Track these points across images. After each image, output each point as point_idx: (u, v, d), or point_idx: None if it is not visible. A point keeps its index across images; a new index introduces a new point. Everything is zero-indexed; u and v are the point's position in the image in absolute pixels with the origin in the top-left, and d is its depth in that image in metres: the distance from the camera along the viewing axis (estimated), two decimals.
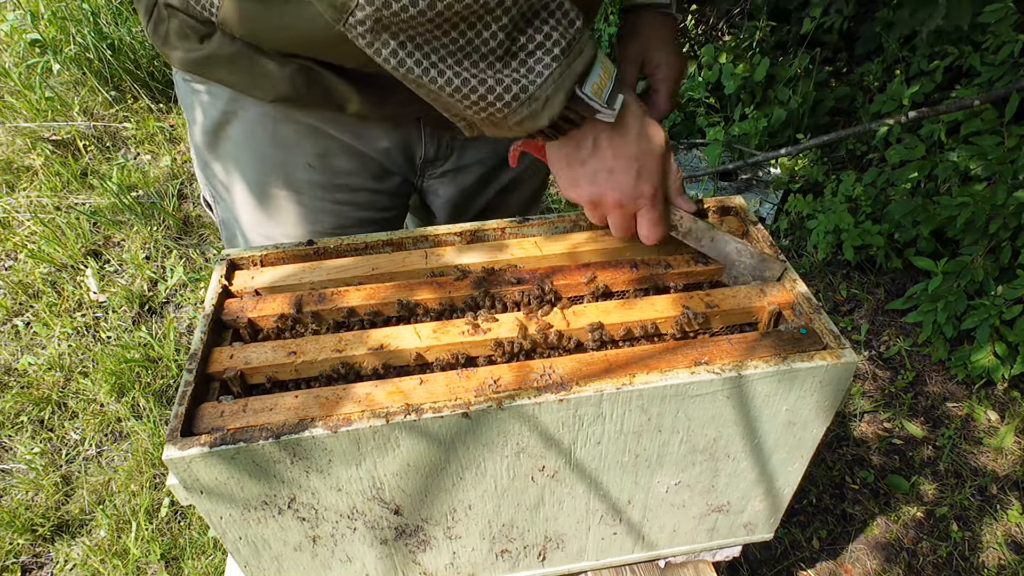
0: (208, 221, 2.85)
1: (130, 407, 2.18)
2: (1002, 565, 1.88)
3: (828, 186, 2.75)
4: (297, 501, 0.78)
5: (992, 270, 2.20)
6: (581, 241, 0.95)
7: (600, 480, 0.86)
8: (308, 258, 0.95)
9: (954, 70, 2.70)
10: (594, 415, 0.76)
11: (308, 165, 1.06)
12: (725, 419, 0.81)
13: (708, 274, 0.93)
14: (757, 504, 0.97)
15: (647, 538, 0.99)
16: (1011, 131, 2.27)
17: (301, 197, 1.09)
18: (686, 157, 3.20)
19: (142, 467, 2.03)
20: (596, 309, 0.85)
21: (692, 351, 0.78)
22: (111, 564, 1.82)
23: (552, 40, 0.65)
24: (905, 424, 2.20)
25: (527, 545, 0.94)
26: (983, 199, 2.16)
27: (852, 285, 2.65)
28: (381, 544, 0.87)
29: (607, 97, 0.71)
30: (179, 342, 2.38)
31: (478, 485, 0.82)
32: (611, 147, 0.77)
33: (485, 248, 0.95)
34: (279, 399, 0.74)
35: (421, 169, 1.15)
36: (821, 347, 0.79)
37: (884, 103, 2.75)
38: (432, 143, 1.10)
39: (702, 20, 3.46)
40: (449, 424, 0.72)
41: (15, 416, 2.16)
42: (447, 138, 1.11)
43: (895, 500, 2.03)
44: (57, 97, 3.24)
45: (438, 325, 0.83)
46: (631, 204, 0.82)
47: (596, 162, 0.77)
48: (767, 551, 1.92)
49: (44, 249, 2.63)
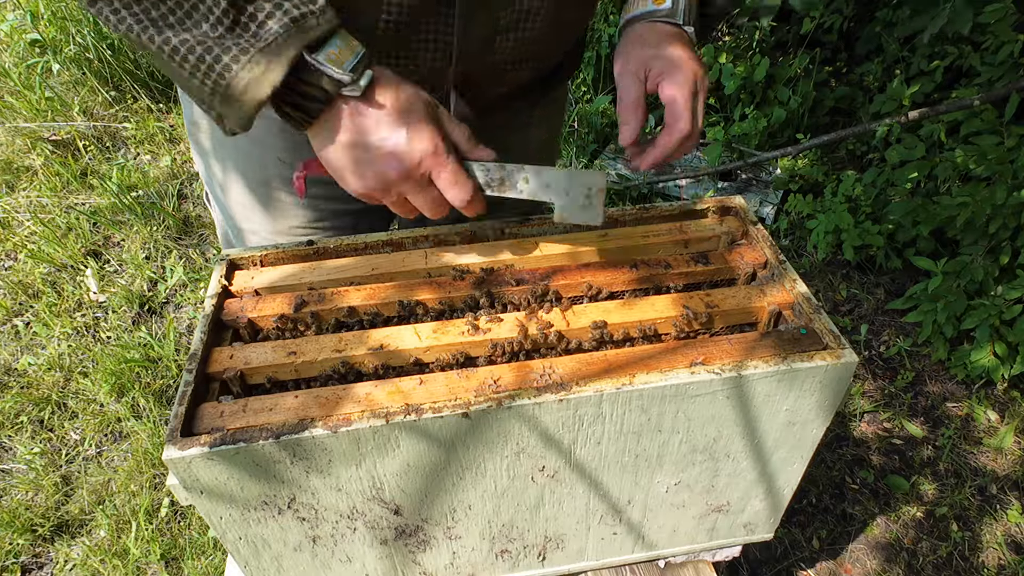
0: (208, 221, 2.85)
1: (130, 407, 2.18)
2: (1002, 565, 1.87)
3: (828, 186, 2.75)
4: (297, 501, 0.78)
5: (992, 270, 2.20)
6: (581, 241, 0.95)
7: (600, 480, 0.86)
8: (308, 258, 0.95)
9: (954, 70, 2.70)
10: (594, 415, 0.76)
11: (279, 160, 1.06)
12: (725, 419, 0.81)
13: (708, 274, 0.93)
14: (757, 504, 0.97)
15: (647, 538, 0.99)
16: (1011, 131, 2.27)
17: (275, 191, 1.10)
18: (686, 157, 3.20)
19: (142, 467, 2.03)
20: (596, 309, 0.85)
21: (692, 351, 0.78)
22: (111, 564, 1.82)
23: (283, 10, 0.65)
24: (905, 424, 2.20)
25: (527, 545, 0.94)
26: (983, 199, 2.16)
27: (852, 285, 2.65)
28: (381, 544, 0.87)
29: (349, 67, 0.68)
30: (179, 342, 2.38)
31: (478, 485, 0.82)
32: (372, 119, 0.72)
33: (485, 248, 0.95)
34: (279, 399, 0.74)
35: None
36: (821, 347, 0.79)
37: (884, 103, 2.75)
38: None
39: None
40: (449, 424, 0.72)
41: (15, 416, 2.15)
42: None
43: (895, 500, 2.03)
44: (57, 97, 3.24)
45: (438, 325, 0.83)
46: (416, 170, 0.75)
47: (364, 140, 0.73)
48: (767, 551, 1.92)
49: (44, 249, 2.63)
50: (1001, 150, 2.21)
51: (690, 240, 0.96)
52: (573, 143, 3.32)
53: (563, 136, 3.37)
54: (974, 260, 2.23)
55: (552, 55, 1.04)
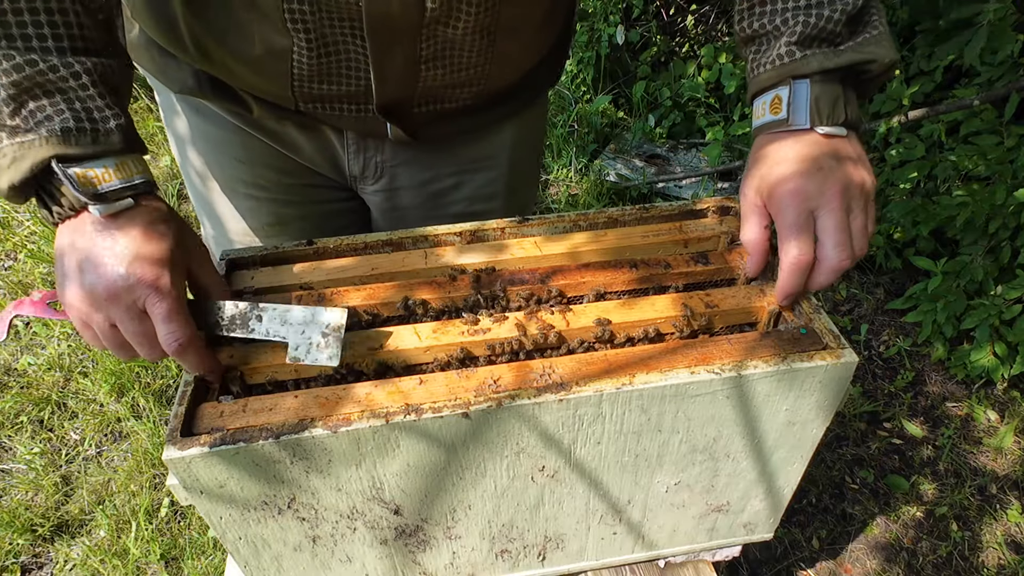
0: None
1: (130, 407, 2.18)
2: (1002, 565, 1.88)
3: None
4: (297, 501, 0.78)
5: (992, 270, 2.20)
6: (581, 241, 0.95)
7: (600, 480, 0.86)
8: (308, 258, 0.95)
9: (954, 70, 2.70)
10: (594, 415, 0.76)
11: (237, 160, 1.06)
12: (725, 419, 0.81)
13: (708, 274, 0.93)
14: (757, 504, 0.97)
15: (647, 538, 0.99)
16: (1010, 131, 2.27)
17: (235, 193, 1.10)
18: (686, 157, 3.20)
19: (142, 467, 2.03)
20: (596, 310, 0.85)
21: (692, 351, 0.78)
22: (111, 564, 1.82)
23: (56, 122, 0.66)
24: (905, 424, 2.20)
25: (527, 545, 0.94)
26: (982, 199, 2.16)
27: (852, 285, 2.65)
28: (381, 544, 0.87)
29: (106, 191, 0.68)
30: None
31: (478, 485, 0.82)
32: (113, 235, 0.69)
33: (485, 248, 0.95)
34: (279, 399, 0.74)
35: (353, 182, 1.12)
36: (821, 347, 0.79)
37: (884, 103, 2.75)
38: (357, 161, 1.06)
39: (702, 20, 3.46)
40: (449, 424, 0.72)
41: (15, 416, 2.16)
42: (374, 158, 1.07)
43: (895, 500, 2.03)
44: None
45: (438, 325, 0.83)
46: (128, 294, 0.69)
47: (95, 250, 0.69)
48: (767, 551, 1.92)
49: (44, 249, 2.63)
50: (1001, 150, 2.21)
51: (690, 240, 0.96)
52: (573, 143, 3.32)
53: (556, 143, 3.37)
54: (974, 260, 2.23)
55: (504, 79, 0.98)
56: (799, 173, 0.77)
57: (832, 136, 0.78)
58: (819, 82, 0.77)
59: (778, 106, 0.80)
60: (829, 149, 0.78)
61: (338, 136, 1.03)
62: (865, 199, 0.78)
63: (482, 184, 1.16)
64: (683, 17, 3.47)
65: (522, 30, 0.91)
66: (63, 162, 0.66)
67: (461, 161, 1.12)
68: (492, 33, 0.86)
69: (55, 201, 0.69)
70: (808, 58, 0.77)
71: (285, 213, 1.13)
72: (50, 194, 0.69)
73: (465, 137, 1.08)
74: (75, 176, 0.67)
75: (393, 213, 1.16)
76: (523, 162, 1.20)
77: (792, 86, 0.79)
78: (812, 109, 0.78)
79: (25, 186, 0.67)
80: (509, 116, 1.09)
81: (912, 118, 2.44)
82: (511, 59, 0.95)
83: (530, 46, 0.97)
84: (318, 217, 1.15)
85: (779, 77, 0.80)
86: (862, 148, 0.81)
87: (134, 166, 0.72)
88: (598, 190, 3.05)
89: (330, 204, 1.15)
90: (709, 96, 3.22)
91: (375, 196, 1.14)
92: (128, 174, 0.71)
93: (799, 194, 0.76)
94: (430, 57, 0.87)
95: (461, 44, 0.86)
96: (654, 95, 3.38)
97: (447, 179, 1.13)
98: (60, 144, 0.66)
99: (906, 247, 2.58)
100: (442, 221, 1.02)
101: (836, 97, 0.78)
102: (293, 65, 0.84)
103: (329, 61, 0.85)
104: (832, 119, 0.77)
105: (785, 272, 0.79)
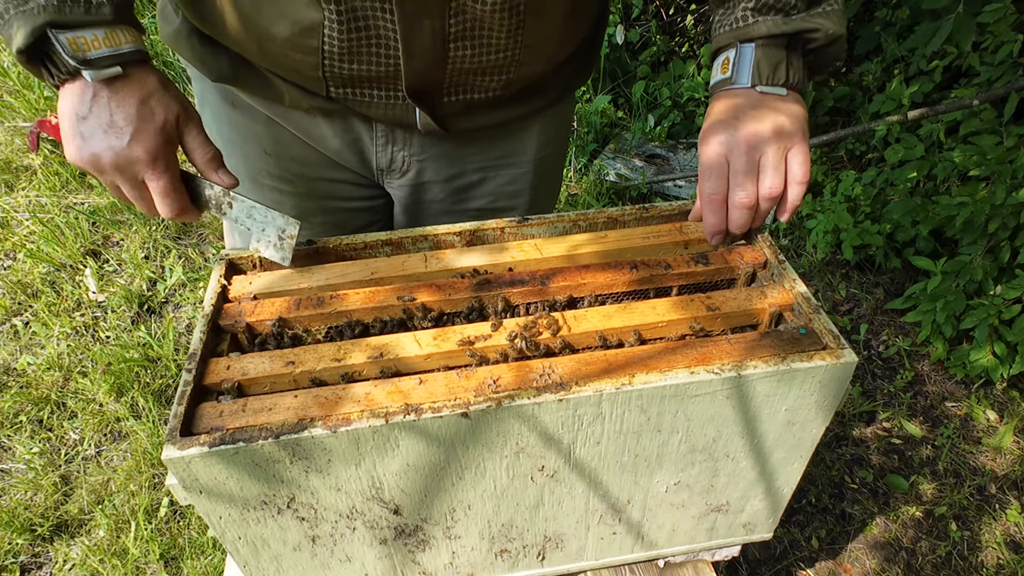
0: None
1: (129, 407, 2.17)
2: (1001, 564, 1.88)
3: (827, 186, 2.75)
4: (296, 501, 0.77)
5: (991, 270, 2.20)
6: (581, 242, 0.95)
7: (600, 480, 0.86)
8: (308, 258, 0.95)
9: (953, 70, 2.70)
10: (593, 415, 0.76)
11: (264, 152, 1.07)
12: (724, 419, 0.81)
13: (708, 274, 0.93)
14: (756, 504, 0.97)
15: (646, 538, 0.99)
16: (1010, 131, 2.27)
17: (260, 186, 1.11)
18: (686, 157, 3.20)
19: (141, 467, 2.03)
20: (596, 313, 0.85)
21: (692, 351, 0.79)
22: (110, 564, 1.82)
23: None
24: (904, 424, 2.20)
25: (526, 545, 0.94)
26: (982, 199, 2.16)
27: (851, 285, 2.65)
28: (380, 544, 0.87)
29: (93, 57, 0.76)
30: (178, 342, 2.38)
31: (477, 485, 0.82)
32: (109, 105, 0.78)
33: (485, 249, 0.95)
34: (278, 399, 0.74)
35: (379, 175, 1.13)
36: (820, 347, 0.79)
37: (883, 103, 2.75)
38: (385, 154, 1.08)
39: (702, 20, 3.46)
40: (448, 424, 0.72)
41: (14, 416, 2.15)
42: (402, 151, 1.08)
43: (894, 500, 2.03)
44: (56, 96, 3.23)
45: (438, 332, 0.83)
46: (128, 169, 0.81)
47: (93, 118, 0.79)
48: (766, 551, 1.92)
49: (43, 249, 2.63)
50: (1000, 150, 2.22)
51: (690, 240, 0.96)
52: (573, 143, 3.32)
53: None
54: (973, 260, 2.23)
55: (533, 68, 0.98)
56: (718, 122, 0.87)
57: (768, 94, 0.86)
58: (763, 46, 0.86)
59: (726, 66, 0.90)
60: (756, 101, 0.86)
61: (367, 128, 1.04)
62: (779, 139, 0.84)
63: (506, 182, 1.17)
64: (683, 17, 3.47)
65: (550, 12, 0.92)
66: (56, 28, 0.74)
67: (487, 157, 1.14)
68: (520, 13, 0.87)
69: (54, 65, 0.76)
70: (759, 24, 0.86)
71: (308, 207, 1.13)
72: (50, 59, 0.76)
73: (493, 132, 1.09)
74: (66, 42, 0.74)
75: (417, 207, 1.18)
76: (548, 162, 1.21)
77: (738, 48, 0.88)
78: (754, 71, 0.87)
79: (31, 51, 0.75)
80: (537, 113, 1.10)
81: (912, 118, 2.44)
82: (541, 46, 0.95)
83: (560, 33, 0.98)
84: (340, 213, 1.16)
85: (730, 39, 0.89)
86: (800, 105, 0.87)
87: (124, 35, 0.79)
88: (598, 190, 3.05)
89: (353, 201, 1.16)
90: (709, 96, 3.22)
91: (400, 190, 1.15)
92: (116, 43, 0.78)
93: (713, 140, 0.86)
94: (459, 35, 0.88)
95: (490, 23, 0.87)
96: (654, 95, 3.38)
97: (472, 174, 1.15)
98: (55, 12, 0.73)
99: (905, 247, 2.59)
100: (464, 216, 1.07)
101: (779, 61, 0.86)
102: (324, 41, 0.86)
103: (359, 37, 0.86)
104: (772, 80, 0.86)
105: (703, 210, 0.89)
